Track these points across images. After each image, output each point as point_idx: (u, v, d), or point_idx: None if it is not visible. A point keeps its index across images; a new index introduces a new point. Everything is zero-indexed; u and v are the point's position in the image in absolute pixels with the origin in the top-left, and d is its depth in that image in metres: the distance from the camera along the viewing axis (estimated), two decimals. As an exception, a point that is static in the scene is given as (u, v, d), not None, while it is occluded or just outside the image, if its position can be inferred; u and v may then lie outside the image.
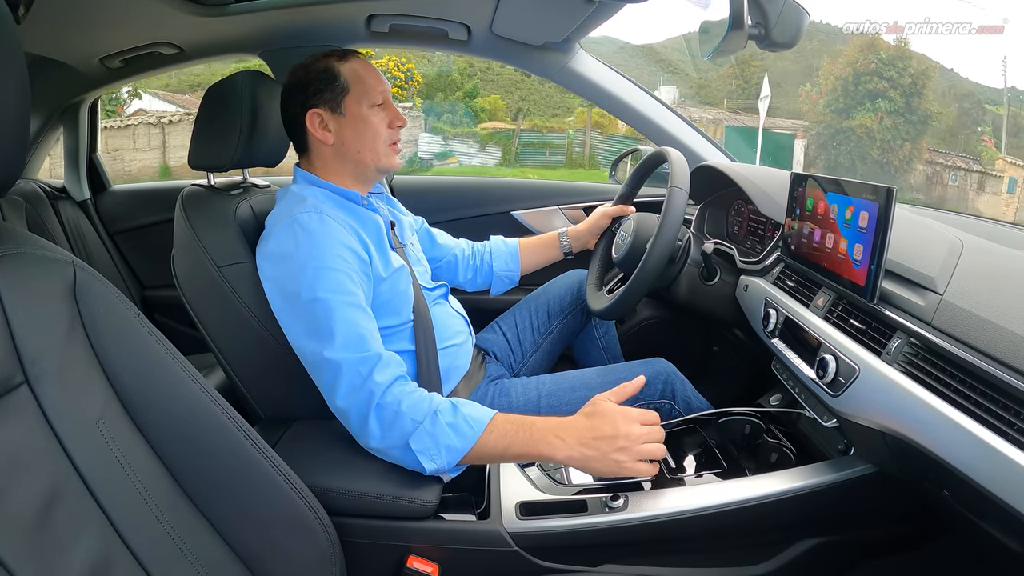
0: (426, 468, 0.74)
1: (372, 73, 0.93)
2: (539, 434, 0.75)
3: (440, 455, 0.73)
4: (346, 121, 0.91)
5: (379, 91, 0.92)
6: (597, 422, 0.75)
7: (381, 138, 0.93)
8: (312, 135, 0.92)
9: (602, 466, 0.74)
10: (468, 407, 0.76)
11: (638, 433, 0.73)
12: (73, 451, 0.51)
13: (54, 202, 1.67)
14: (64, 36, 1.29)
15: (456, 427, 0.74)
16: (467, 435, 0.74)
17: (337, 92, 0.90)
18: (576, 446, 0.73)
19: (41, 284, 0.53)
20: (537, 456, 0.75)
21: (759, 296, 0.95)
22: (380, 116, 0.92)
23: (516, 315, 1.23)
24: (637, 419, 0.75)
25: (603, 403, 0.77)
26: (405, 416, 0.74)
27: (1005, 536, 0.58)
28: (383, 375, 0.76)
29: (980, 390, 0.54)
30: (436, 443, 0.73)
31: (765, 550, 0.82)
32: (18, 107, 0.49)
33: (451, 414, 0.75)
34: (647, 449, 0.74)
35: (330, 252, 0.81)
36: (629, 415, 0.75)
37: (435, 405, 0.75)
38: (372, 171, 0.95)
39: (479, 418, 0.75)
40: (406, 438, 0.73)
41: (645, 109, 1.38)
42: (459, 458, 0.74)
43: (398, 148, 0.96)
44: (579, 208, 1.56)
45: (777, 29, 0.83)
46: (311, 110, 0.90)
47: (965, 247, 0.71)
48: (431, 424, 0.73)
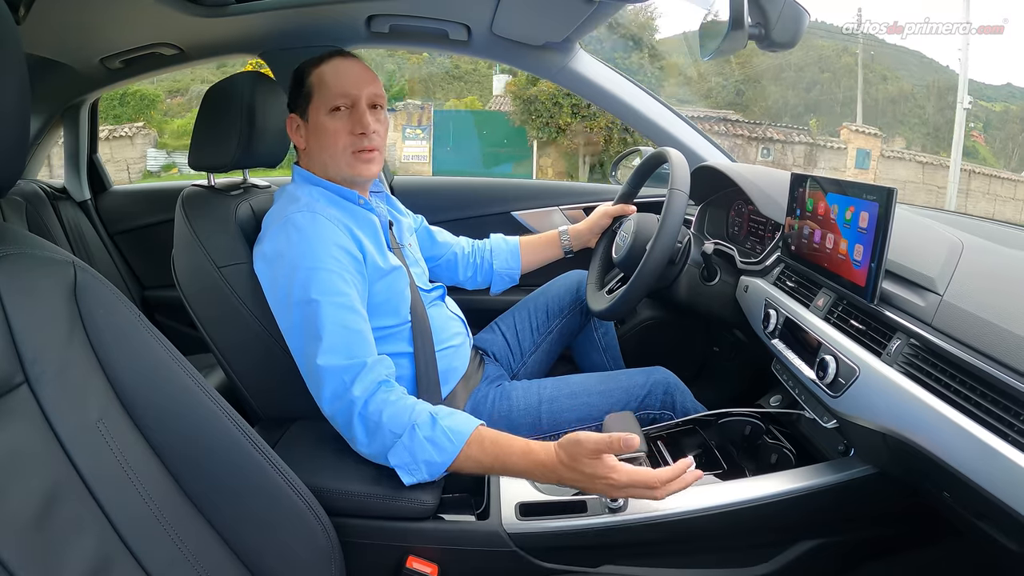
0: (406, 481, 0.73)
1: (340, 78, 0.88)
2: (516, 467, 0.73)
3: (419, 469, 0.73)
4: (311, 128, 0.91)
5: (339, 95, 0.87)
6: (583, 465, 0.69)
7: (339, 146, 0.88)
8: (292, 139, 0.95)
9: (596, 491, 0.72)
10: (450, 419, 0.74)
11: (622, 483, 0.68)
12: (73, 451, 0.51)
13: (54, 202, 1.67)
14: (64, 37, 1.29)
15: (435, 441, 0.72)
16: (446, 449, 0.72)
17: (303, 98, 0.90)
18: (568, 476, 0.71)
19: (41, 284, 0.53)
20: (526, 477, 0.77)
21: (759, 297, 0.95)
22: (340, 123, 0.88)
23: (515, 315, 1.23)
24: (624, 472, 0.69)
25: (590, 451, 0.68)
26: (385, 428, 0.73)
27: (1005, 537, 0.58)
28: (364, 384, 0.75)
29: (980, 391, 0.54)
30: (414, 458, 0.72)
31: (765, 551, 0.82)
32: (18, 108, 0.49)
33: (429, 428, 0.73)
34: (632, 493, 0.70)
35: (322, 251, 0.81)
36: (614, 467, 0.68)
37: (414, 418, 0.73)
38: (339, 179, 0.92)
39: (460, 431, 0.73)
40: (385, 451, 0.73)
41: (645, 109, 1.38)
42: (440, 472, 0.74)
43: (367, 156, 0.89)
44: (579, 208, 1.56)
45: (777, 29, 0.83)
46: (289, 115, 0.93)
47: (965, 248, 0.71)
48: (409, 439, 0.72)
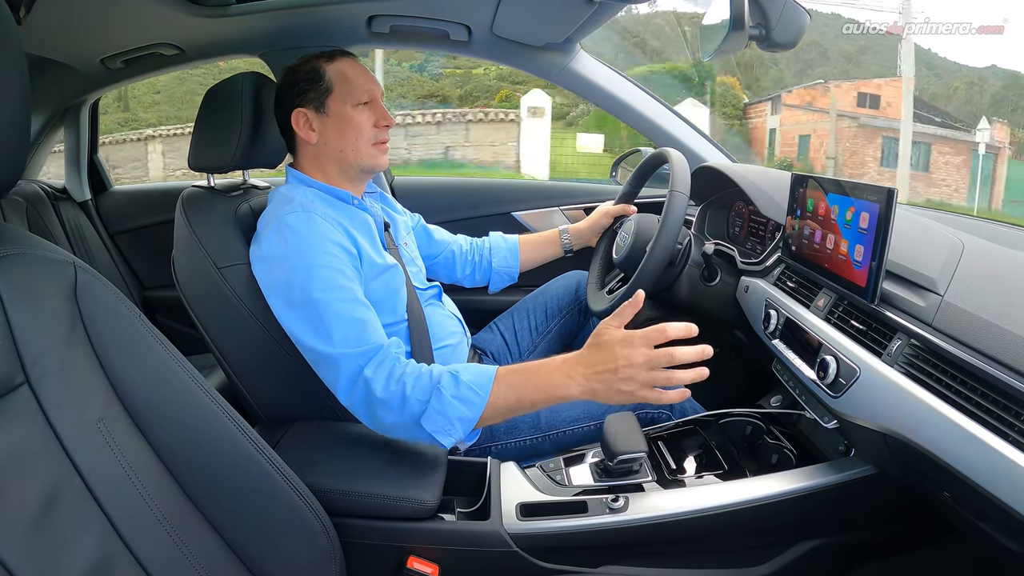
0: (445, 444, 0.74)
1: (359, 73, 0.94)
2: (548, 376, 0.73)
3: (454, 428, 0.73)
4: (329, 120, 0.92)
5: (364, 90, 0.93)
6: (599, 354, 0.71)
7: (364, 137, 0.93)
8: (297, 134, 0.94)
9: (613, 400, 0.71)
10: (468, 373, 0.75)
11: (640, 361, 0.68)
12: (73, 451, 0.51)
13: (55, 203, 1.67)
14: (65, 37, 1.29)
15: (462, 397, 0.73)
16: (475, 402, 0.73)
17: (321, 92, 0.92)
18: (584, 381, 0.71)
19: (42, 285, 0.53)
20: (552, 399, 0.73)
21: (760, 297, 0.95)
22: (365, 115, 0.93)
23: (514, 315, 1.23)
24: (639, 342, 0.69)
25: (605, 331, 0.72)
26: (412, 399, 0.74)
27: (1005, 537, 0.58)
28: (379, 366, 0.76)
29: (981, 391, 0.54)
30: (448, 419, 0.73)
31: (765, 551, 0.82)
32: (19, 108, 0.49)
33: (454, 386, 0.74)
34: (652, 377, 0.69)
35: (319, 250, 0.82)
36: (630, 340, 0.69)
37: (436, 380, 0.74)
38: (355, 170, 0.96)
39: (482, 381, 0.74)
40: (417, 420, 0.73)
41: (645, 109, 1.38)
42: (471, 426, 0.74)
43: (384, 148, 0.96)
44: (579, 208, 1.56)
45: (777, 30, 0.83)
46: (296, 110, 0.93)
47: (966, 248, 0.71)
48: (438, 402, 0.73)
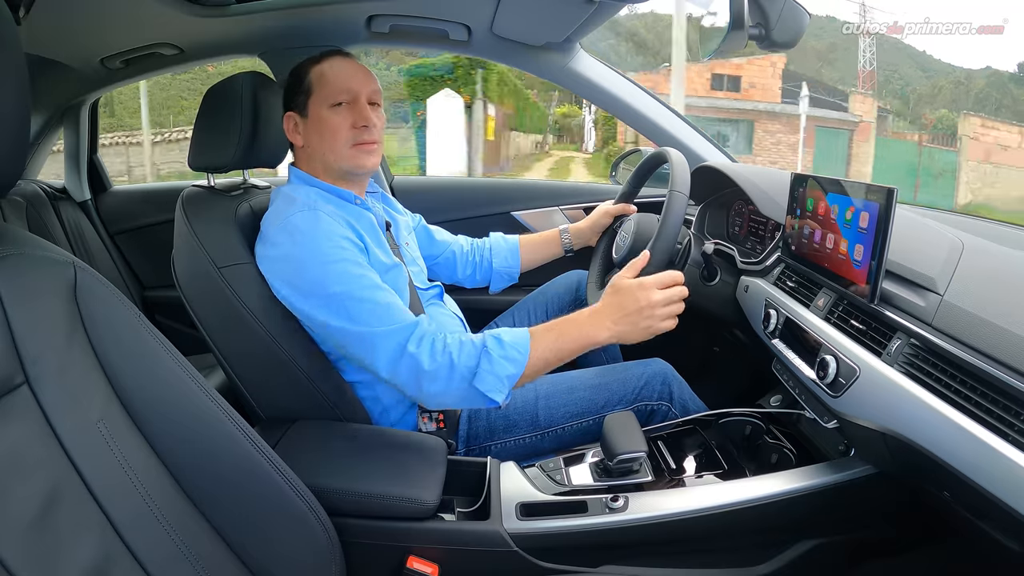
0: (497, 400, 0.79)
1: (338, 73, 0.91)
2: (579, 327, 0.83)
3: (504, 385, 0.79)
4: (310, 123, 0.93)
5: (342, 91, 0.90)
6: (621, 299, 0.83)
7: (340, 139, 0.91)
8: (288, 138, 0.96)
9: (638, 337, 0.84)
10: (508, 335, 0.81)
11: (658, 299, 0.82)
12: (73, 451, 0.51)
13: (55, 203, 1.66)
14: (64, 37, 1.29)
15: (508, 357, 0.79)
16: (519, 360, 0.79)
17: (303, 95, 0.92)
18: (612, 326, 0.83)
19: (42, 285, 0.53)
20: (587, 345, 0.83)
21: (759, 297, 0.95)
22: (341, 116, 0.91)
23: (515, 315, 1.23)
24: (654, 286, 0.83)
25: (621, 281, 0.85)
26: (462, 365, 0.78)
27: (1005, 537, 0.58)
28: (423, 341, 0.79)
29: (981, 391, 0.54)
30: (498, 377, 0.78)
31: (765, 551, 0.82)
32: (18, 108, 0.49)
33: (499, 348, 0.79)
34: (671, 309, 0.84)
35: (329, 245, 0.83)
36: (645, 285, 0.83)
37: (481, 345, 0.80)
38: (340, 172, 0.94)
39: (522, 341, 0.81)
40: (468, 382, 0.78)
41: (645, 109, 1.38)
42: (516, 381, 0.80)
43: (368, 148, 0.93)
44: (579, 208, 1.56)
45: (777, 29, 0.83)
46: (286, 113, 0.94)
47: (965, 247, 0.71)
48: (488, 363, 0.78)
